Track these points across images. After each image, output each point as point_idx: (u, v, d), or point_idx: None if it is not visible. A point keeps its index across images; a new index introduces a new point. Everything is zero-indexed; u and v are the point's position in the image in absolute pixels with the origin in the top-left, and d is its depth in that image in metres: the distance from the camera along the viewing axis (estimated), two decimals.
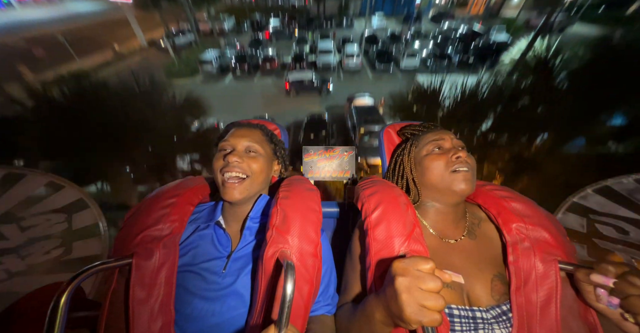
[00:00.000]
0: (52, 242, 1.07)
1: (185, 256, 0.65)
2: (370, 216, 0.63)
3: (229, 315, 0.60)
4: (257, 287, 0.58)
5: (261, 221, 0.72)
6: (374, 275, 0.57)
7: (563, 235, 0.62)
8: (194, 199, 0.74)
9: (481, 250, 0.65)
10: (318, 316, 0.67)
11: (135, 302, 0.54)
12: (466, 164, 0.64)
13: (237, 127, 0.74)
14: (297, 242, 0.59)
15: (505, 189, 0.72)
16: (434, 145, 0.70)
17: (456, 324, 0.55)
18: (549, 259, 0.55)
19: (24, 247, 1.04)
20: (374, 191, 0.68)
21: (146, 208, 0.67)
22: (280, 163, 0.82)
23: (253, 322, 0.56)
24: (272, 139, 0.78)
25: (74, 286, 0.47)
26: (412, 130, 0.81)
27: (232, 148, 0.69)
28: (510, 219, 0.63)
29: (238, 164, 0.66)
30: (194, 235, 0.69)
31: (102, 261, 0.54)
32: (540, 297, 0.54)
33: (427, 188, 0.70)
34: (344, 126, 8.70)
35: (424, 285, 0.40)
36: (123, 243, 0.61)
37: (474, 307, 0.57)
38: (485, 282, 0.59)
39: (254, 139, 0.71)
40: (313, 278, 0.59)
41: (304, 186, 0.74)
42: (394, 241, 0.57)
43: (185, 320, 0.59)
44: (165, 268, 0.58)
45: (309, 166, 1.12)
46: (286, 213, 0.62)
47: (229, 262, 0.65)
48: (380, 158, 0.95)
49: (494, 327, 0.55)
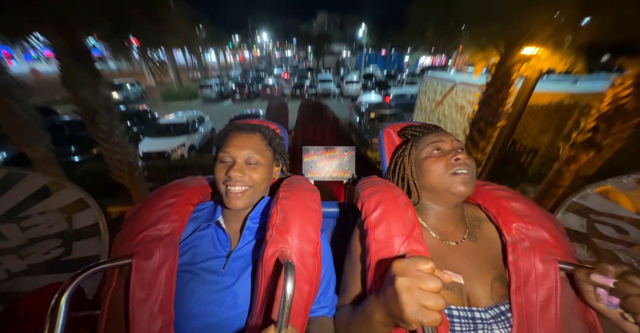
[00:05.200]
0: (52, 242, 1.07)
1: (185, 255, 0.65)
2: (370, 216, 0.63)
3: (228, 314, 0.60)
4: (257, 287, 0.58)
5: (261, 221, 0.72)
6: (374, 275, 0.57)
7: (563, 235, 0.62)
8: (194, 199, 0.74)
9: (482, 252, 0.65)
10: (318, 317, 0.67)
11: (135, 302, 0.54)
12: (466, 167, 0.64)
13: (237, 132, 0.73)
14: (297, 242, 0.59)
15: (505, 189, 0.72)
16: (434, 147, 0.70)
17: (456, 324, 0.55)
18: (548, 259, 0.55)
19: (24, 247, 1.04)
20: (374, 191, 0.68)
21: (146, 208, 0.67)
22: (280, 164, 0.82)
23: (253, 322, 0.56)
24: (272, 143, 0.78)
25: (74, 286, 0.47)
26: (413, 131, 0.81)
27: (232, 160, 0.69)
28: (510, 219, 0.63)
29: (240, 179, 0.67)
30: (193, 235, 0.69)
31: (102, 261, 0.54)
32: (540, 296, 0.54)
33: (426, 190, 0.70)
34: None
35: (424, 285, 0.40)
36: (123, 243, 0.61)
37: (472, 308, 0.57)
38: (486, 284, 0.59)
39: (254, 148, 0.71)
40: (313, 278, 0.59)
41: (304, 186, 0.74)
42: (394, 241, 0.57)
43: (184, 319, 0.59)
44: (165, 268, 0.58)
45: (309, 166, 1.12)
46: (286, 213, 0.62)
47: (228, 262, 0.65)
48: (380, 158, 0.95)
49: (492, 327, 0.55)
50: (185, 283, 0.61)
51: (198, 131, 7.99)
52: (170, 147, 6.71)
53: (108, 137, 3.05)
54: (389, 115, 8.14)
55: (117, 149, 3.17)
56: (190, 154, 7.26)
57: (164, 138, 7.13)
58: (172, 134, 7.29)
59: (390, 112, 8.24)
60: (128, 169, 3.35)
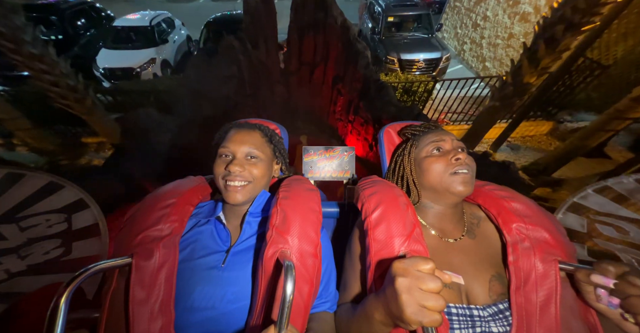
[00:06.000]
0: (52, 242, 1.07)
1: (185, 250, 0.66)
2: (370, 216, 0.63)
3: (229, 308, 0.60)
4: (257, 287, 0.58)
5: (261, 216, 0.72)
6: (374, 275, 0.57)
7: (563, 235, 0.62)
8: (194, 200, 0.74)
9: (480, 249, 0.65)
10: (319, 313, 0.68)
11: (135, 302, 0.54)
12: (466, 166, 0.64)
13: (236, 129, 0.74)
14: (297, 242, 0.59)
15: (505, 189, 0.72)
16: (434, 146, 0.70)
17: (454, 322, 0.55)
18: (549, 259, 0.55)
19: (24, 247, 1.04)
20: (374, 191, 0.68)
21: (146, 208, 0.67)
22: (280, 162, 0.82)
23: (253, 322, 0.56)
24: (272, 140, 0.78)
25: (74, 286, 0.47)
26: (413, 130, 0.81)
27: (232, 155, 0.69)
28: (510, 219, 0.63)
29: (240, 173, 0.67)
30: (193, 230, 0.70)
31: (102, 262, 0.54)
32: (540, 296, 0.54)
33: (425, 189, 0.70)
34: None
35: (424, 286, 0.40)
36: (123, 243, 0.61)
37: (471, 305, 0.57)
38: (483, 282, 0.59)
39: (254, 143, 0.71)
40: (313, 279, 0.59)
41: (304, 186, 0.74)
42: (394, 242, 0.57)
43: (185, 313, 0.59)
44: (165, 269, 0.58)
45: (309, 166, 1.12)
46: (286, 214, 0.62)
47: (228, 256, 0.65)
48: (380, 158, 0.95)
49: (490, 325, 0.55)
50: (186, 278, 0.62)
51: (169, 40, 6.12)
52: (138, 62, 5.24)
53: (16, 45, 2.11)
54: (412, 18, 5.79)
55: (43, 67, 2.26)
56: (165, 73, 5.60)
57: (127, 49, 5.52)
58: (135, 45, 5.61)
59: (414, 12, 5.81)
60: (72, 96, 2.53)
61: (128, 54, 5.47)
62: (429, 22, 5.95)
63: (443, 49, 5.59)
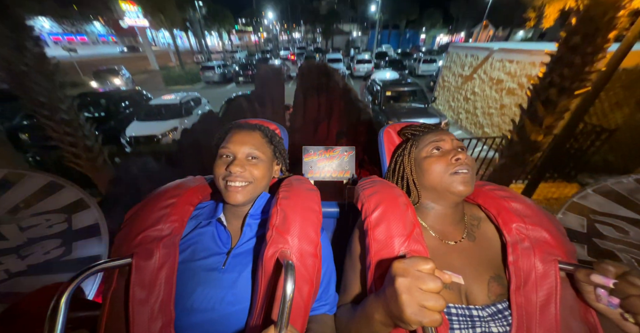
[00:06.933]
0: (52, 242, 1.07)
1: (185, 252, 0.65)
2: (370, 217, 0.63)
3: (228, 310, 0.60)
4: (257, 287, 0.58)
5: (261, 218, 0.72)
6: (374, 275, 0.57)
7: (563, 235, 0.62)
8: (194, 200, 0.74)
9: (479, 251, 0.65)
10: (319, 315, 0.68)
11: (135, 302, 0.54)
12: (466, 166, 0.64)
13: (237, 129, 0.74)
14: (297, 242, 0.59)
15: (505, 189, 0.72)
16: (434, 146, 0.70)
17: (454, 322, 0.55)
18: (549, 259, 0.55)
19: (24, 247, 1.04)
20: (374, 191, 0.68)
21: (146, 208, 0.67)
22: (280, 162, 0.82)
23: (253, 322, 0.56)
24: (272, 140, 0.78)
25: (74, 286, 0.47)
26: (413, 130, 0.81)
27: (232, 156, 0.69)
28: (510, 219, 0.63)
29: (240, 174, 0.67)
30: (194, 232, 0.69)
31: (102, 261, 0.54)
32: (540, 297, 0.54)
33: (426, 189, 0.70)
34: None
35: (424, 286, 0.40)
36: (123, 243, 0.61)
37: (470, 305, 0.57)
38: (483, 283, 0.59)
39: (254, 144, 0.71)
40: (313, 278, 0.59)
41: (304, 186, 0.74)
42: (394, 242, 0.57)
43: (185, 314, 0.59)
44: (165, 269, 0.58)
45: (309, 166, 1.12)
46: (286, 214, 0.62)
47: (228, 258, 0.65)
48: (380, 158, 0.95)
49: (490, 325, 0.55)
50: (187, 279, 0.62)
51: (193, 113, 7.03)
52: (161, 131, 5.95)
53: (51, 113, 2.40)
54: (407, 93, 6.78)
55: (68, 129, 2.54)
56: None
57: (154, 121, 6.38)
58: (163, 117, 6.50)
59: (409, 89, 6.81)
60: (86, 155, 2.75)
61: (153, 124, 6.21)
62: (423, 96, 6.74)
63: (441, 116, 5.99)
